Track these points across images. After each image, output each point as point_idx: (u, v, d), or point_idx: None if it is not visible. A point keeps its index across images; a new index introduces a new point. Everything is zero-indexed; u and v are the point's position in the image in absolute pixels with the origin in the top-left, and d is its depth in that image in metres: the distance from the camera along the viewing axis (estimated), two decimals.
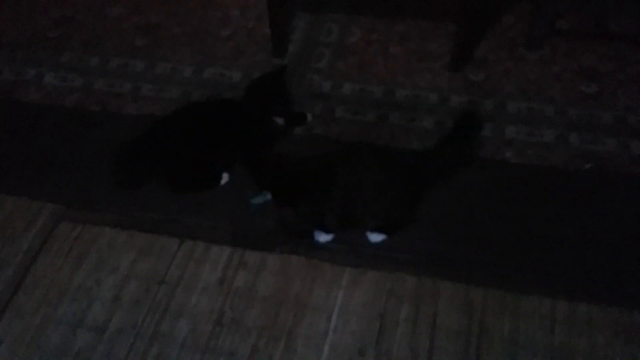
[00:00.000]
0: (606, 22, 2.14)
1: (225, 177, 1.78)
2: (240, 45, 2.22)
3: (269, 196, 1.71)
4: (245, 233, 1.68)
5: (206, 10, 2.37)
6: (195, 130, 1.77)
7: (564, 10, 2.12)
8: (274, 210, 1.70)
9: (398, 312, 1.51)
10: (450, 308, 1.51)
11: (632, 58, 2.05)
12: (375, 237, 1.63)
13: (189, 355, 1.47)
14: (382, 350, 1.46)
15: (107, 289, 1.60)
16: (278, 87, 1.84)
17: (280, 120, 1.83)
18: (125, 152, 1.78)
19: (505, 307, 1.51)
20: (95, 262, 1.65)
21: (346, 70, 2.10)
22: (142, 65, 2.18)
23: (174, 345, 1.49)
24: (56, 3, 2.44)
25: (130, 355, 1.48)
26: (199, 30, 2.29)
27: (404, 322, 1.50)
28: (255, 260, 1.63)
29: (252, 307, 1.54)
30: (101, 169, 1.82)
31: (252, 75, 2.08)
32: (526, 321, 1.48)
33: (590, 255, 1.58)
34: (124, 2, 2.42)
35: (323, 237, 1.62)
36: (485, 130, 1.88)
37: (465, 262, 1.59)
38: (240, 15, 2.33)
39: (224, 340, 1.49)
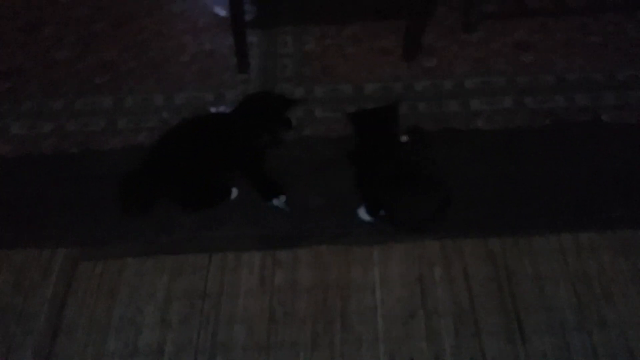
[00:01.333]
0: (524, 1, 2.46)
1: (234, 192, 1.83)
2: (203, 67, 2.28)
3: (282, 198, 1.80)
4: (270, 235, 1.75)
5: (158, 41, 2.40)
6: (193, 147, 1.82)
7: None
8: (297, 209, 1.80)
9: (432, 274, 1.65)
10: (476, 261, 1.68)
11: (554, 28, 2.36)
12: (364, 215, 1.76)
13: (254, 356, 1.52)
14: (430, 310, 1.58)
15: (151, 314, 1.60)
16: (274, 104, 1.95)
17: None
18: (130, 180, 1.79)
19: (521, 249, 1.69)
20: (130, 292, 1.64)
21: (312, 75, 2.23)
22: (110, 101, 2.18)
23: (236, 350, 1.53)
24: None
25: None
26: (157, 60, 2.33)
27: (441, 281, 1.64)
28: (287, 257, 1.70)
29: (300, 298, 1.62)
30: (103, 206, 1.81)
31: (224, 94, 2.17)
32: (542, 257, 1.67)
33: (576, 191, 1.81)
34: (69, 45, 2.39)
35: (366, 217, 1.74)
36: (453, 106, 2.09)
37: (477, 219, 1.76)
38: (194, 41, 2.39)
39: (283, 334, 1.55)
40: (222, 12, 2.49)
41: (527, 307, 1.58)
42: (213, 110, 2.05)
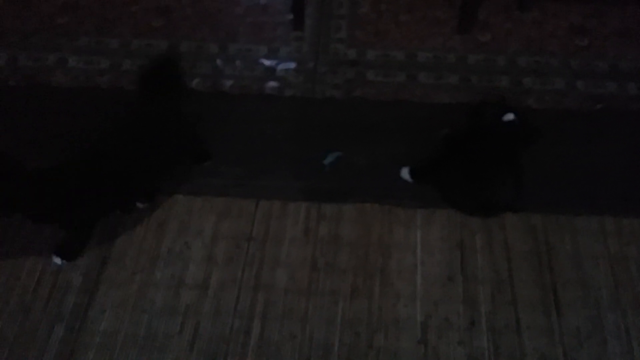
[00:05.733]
0: None
1: None
2: (257, 21, 2.30)
3: (338, 153, 1.82)
4: (316, 189, 1.78)
5: None
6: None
7: None
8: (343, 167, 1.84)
9: (473, 241, 1.68)
10: (517, 233, 1.70)
11: (610, 14, 2.34)
12: (406, 175, 1.80)
13: (294, 299, 1.56)
14: (468, 275, 1.62)
15: (198, 251, 1.65)
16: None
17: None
18: None
19: (562, 227, 1.71)
20: (178, 228, 1.69)
21: (365, 39, 2.25)
22: (165, 44, 2.21)
23: (278, 292, 1.58)
24: None
25: (240, 305, 1.55)
26: (211, 10, 2.34)
27: (481, 249, 1.67)
28: (332, 211, 1.74)
29: (342, 251, 1.65)
30: None
31: (277, 48, 2.19)
32: (582, 237, 1.70)
33: (621, 177, 1.82)
34: None
35: (407, 177, 1.78)
36: (504, 82, 2.10)
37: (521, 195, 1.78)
38: None
39: (323, 282, 1.60)
40: None
41: (564, 283, 1.61)
42: (266, 63, 2.07)
